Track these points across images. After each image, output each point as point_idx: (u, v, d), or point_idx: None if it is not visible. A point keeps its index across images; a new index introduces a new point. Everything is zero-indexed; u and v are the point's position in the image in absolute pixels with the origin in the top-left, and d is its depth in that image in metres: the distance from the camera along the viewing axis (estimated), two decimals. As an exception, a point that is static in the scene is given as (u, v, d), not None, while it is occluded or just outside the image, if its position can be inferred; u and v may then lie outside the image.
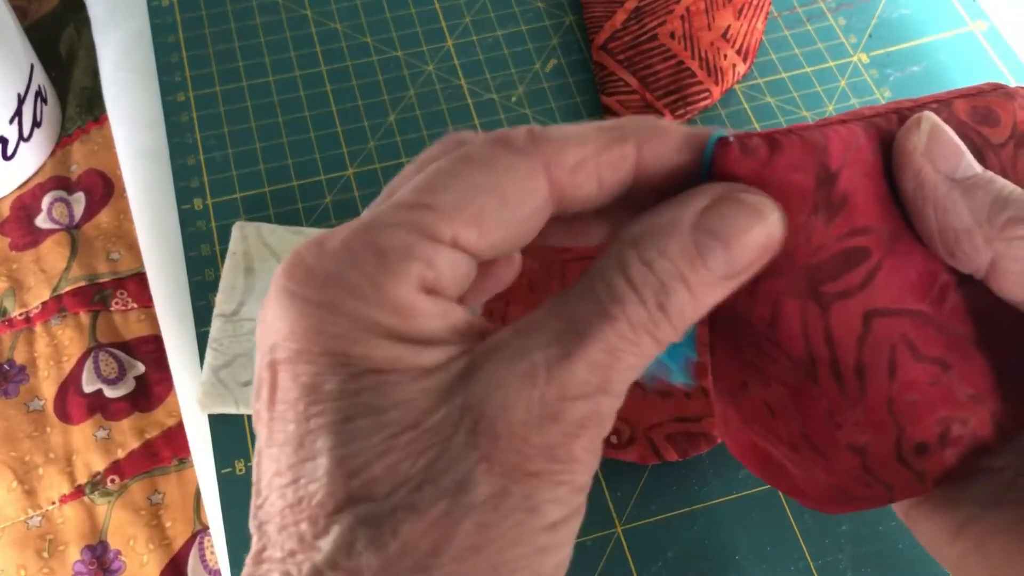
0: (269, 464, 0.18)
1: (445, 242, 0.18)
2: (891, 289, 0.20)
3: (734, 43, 0.51)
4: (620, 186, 0.20)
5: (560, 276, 0.41)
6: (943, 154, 0.20)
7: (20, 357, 0.44)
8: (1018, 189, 0.20)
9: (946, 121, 0.21)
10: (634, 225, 0.19)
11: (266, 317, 0.19)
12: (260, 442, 0.19)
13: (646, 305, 0.18)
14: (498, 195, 0.18)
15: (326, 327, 0.18)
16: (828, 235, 0.20)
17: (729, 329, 0.22)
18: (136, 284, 0.47)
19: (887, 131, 0.20)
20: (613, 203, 0.20)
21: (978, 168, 0.20)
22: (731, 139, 0.19)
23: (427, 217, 0.18)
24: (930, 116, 0.21)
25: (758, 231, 0.19)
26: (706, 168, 0.20)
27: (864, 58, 0.53)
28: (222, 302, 0.43)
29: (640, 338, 0.18)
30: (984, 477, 0.22)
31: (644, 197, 0.20)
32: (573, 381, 0.17)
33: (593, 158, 0.19)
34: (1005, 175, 0.21)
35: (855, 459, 0.21)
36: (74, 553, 0.40)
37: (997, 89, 0.22)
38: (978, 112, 0.21)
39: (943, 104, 0.21)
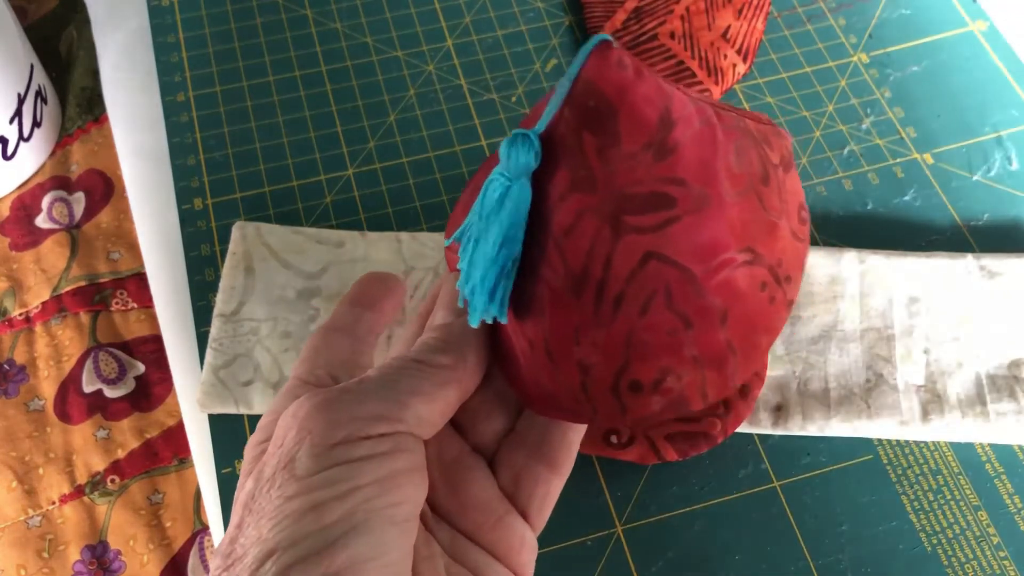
0: None
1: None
2: (677, 242, 0.22)
3: (734, 43, 0.51)
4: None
5: None
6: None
7: (20, 357, 0.44)
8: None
9: (741, 130, 0.24)
10: None
11: None
12: None
13: None
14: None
15: None
16: (650, 173, 0.22)
17: (533, 223, 0.23)
18: (136, 284, 0.46)
19: (710, 112, 0.23)
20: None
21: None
22: (615, 45, 0.21)
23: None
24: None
25: None
26: (577, 66, 0.21)
27: (864, 58, 0.53)
28: (222, 302, 0.43)
29: None
30: None
31: None
32: None
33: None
34: (780, 189, 0.25)
35: (578, 376, 0.23)
36: (74, 553, 0.39)
37: (772, 124, 0.26)
38: (762, 134, 0.25)
39: (741, 115, 0.25)
